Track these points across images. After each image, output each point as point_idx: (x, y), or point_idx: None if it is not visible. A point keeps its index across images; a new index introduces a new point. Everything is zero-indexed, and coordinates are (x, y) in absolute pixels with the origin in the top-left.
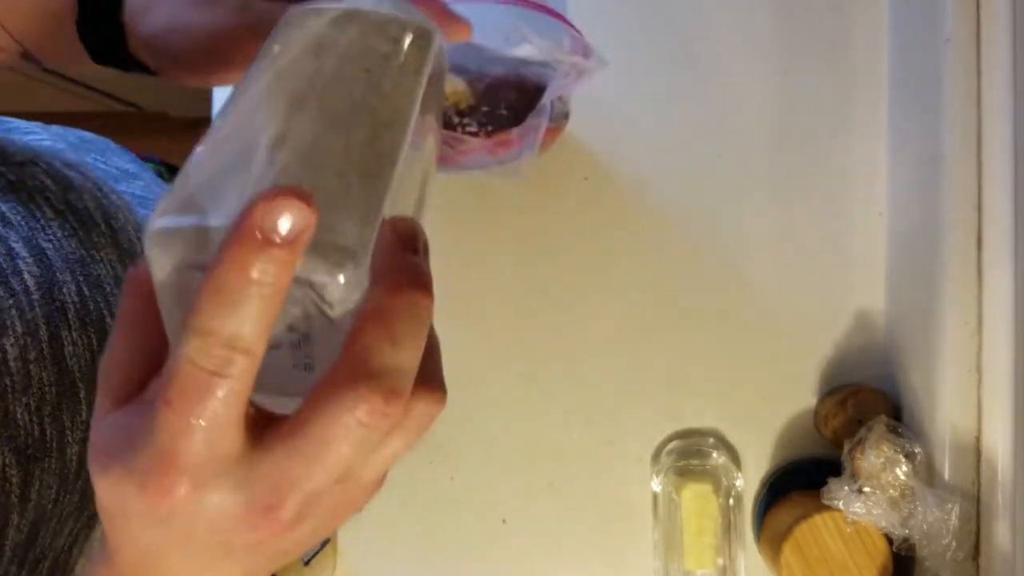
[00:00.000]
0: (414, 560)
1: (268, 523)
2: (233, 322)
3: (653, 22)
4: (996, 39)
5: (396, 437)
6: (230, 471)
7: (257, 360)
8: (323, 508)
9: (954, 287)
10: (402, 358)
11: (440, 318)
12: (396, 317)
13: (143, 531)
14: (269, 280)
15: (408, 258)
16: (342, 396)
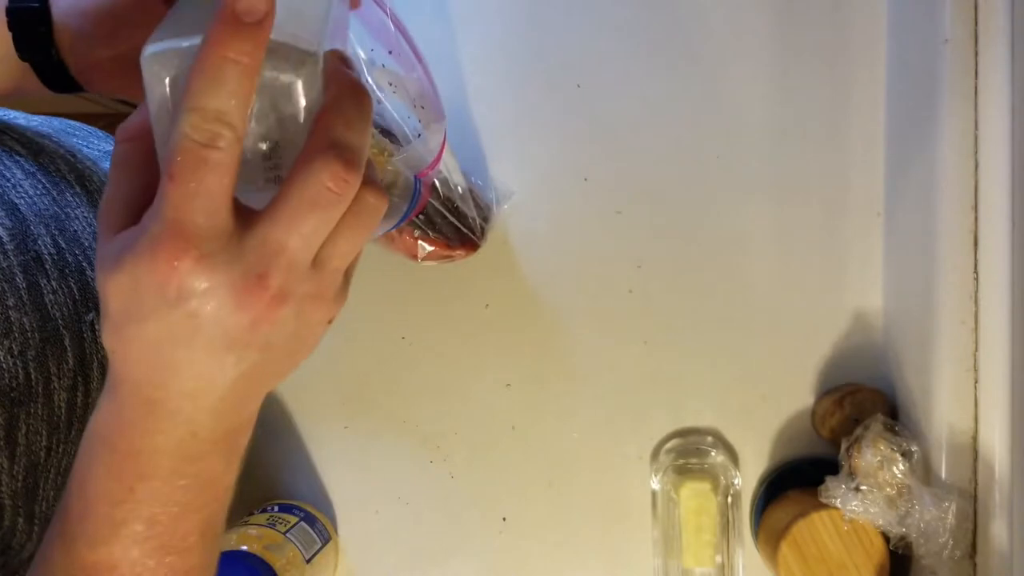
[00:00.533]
0: (414, 559)
1: (259, 293)
2: (219, 97)
3: (652, 22)
4: (994, 40)
5: (352, 225)
6: (226, 245)
7: (240, 137)
8: (301, 290)
9: (951, 287)
10: (355, 138)
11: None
12: (346, 106)
13: (154, 322)
14: (244, 59)
15: (346, 70)
16: (311, 164)
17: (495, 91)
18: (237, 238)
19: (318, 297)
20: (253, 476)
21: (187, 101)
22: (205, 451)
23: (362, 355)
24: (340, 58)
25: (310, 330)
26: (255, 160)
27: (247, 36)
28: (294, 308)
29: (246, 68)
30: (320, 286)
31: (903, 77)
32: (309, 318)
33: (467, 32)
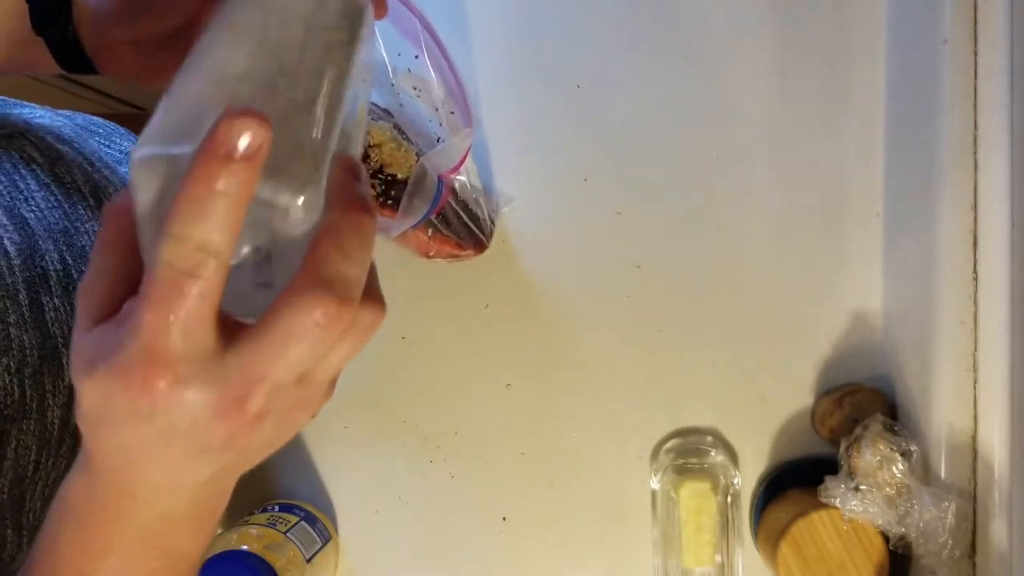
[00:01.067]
0: (414, 559)
1: (238, 415)
2: (203, 227)
3: (652, 22)
4: (993, 40)
5: (346, 342)
6: (205, 368)
7: (226, 264)
8: (283, 406)
9: (950, 286)
10: (351, 270)
11: (443, 318)
12: (346, 234)
13: (126, 431)
14: (232, 191)
15: (354, 186)
16: (301, 300)
17: (495, 92)
18: (219, 358)
19: (301, 407)
20: (253, 476)
21: (169, 226)
22: (175, 530)
23: (362, 355)
24: (348, 169)
25: (290, 429)
26: (246, 267)
27: (236, 170)
28: (274, 420)
29: (235, 200)
30: (304, 398)
31: (902, 77)
32: (289, 423)
33: (467, 33)
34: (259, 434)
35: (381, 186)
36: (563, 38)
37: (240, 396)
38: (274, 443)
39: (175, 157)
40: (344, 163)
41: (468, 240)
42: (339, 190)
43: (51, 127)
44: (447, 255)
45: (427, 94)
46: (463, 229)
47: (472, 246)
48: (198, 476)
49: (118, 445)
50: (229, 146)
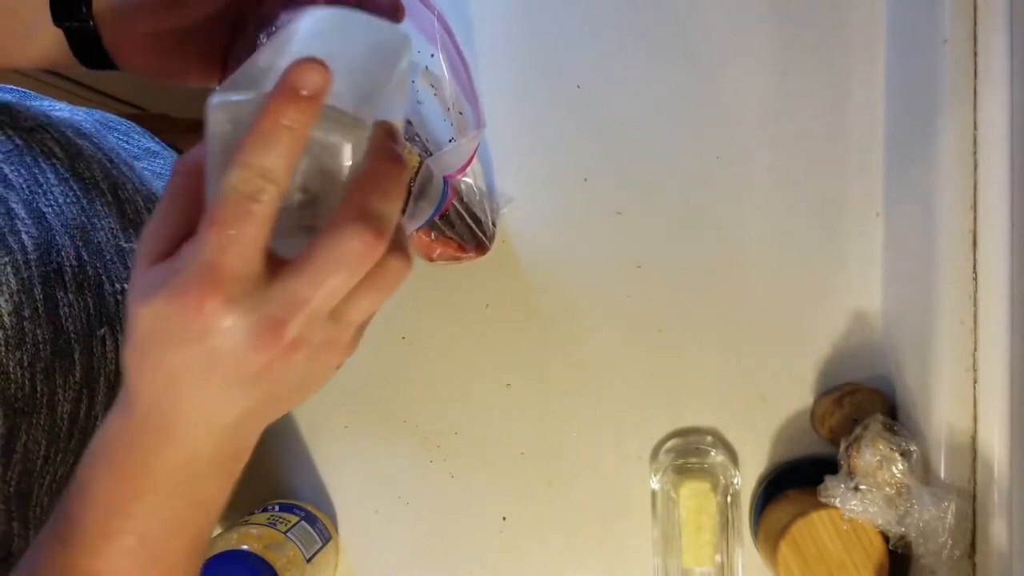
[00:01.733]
0: (414, 559)
1: (276, 339)
2: (268, 157)
3: (652, 22)
4: (993, 40)
5: (375, 287)
6: (252, 292)
7: (282, 191)
8: (316, 339)
9: (950, 286)
10: (387, 209)
11: (443, 318)
12: (384, 178)
13: (174, 354)
14: (296, 126)
15: (392, 143)
16: (343, 230)
17: (495, 92)
18: (264, 285)
19: (331, 346)
20: (254, 476)
21: (239, 157)
22: (204, 474)
23: (362, 355)
24: (388, 131)
25: (318, 374)
26: (291, 209)
27: (302, 106)
28: (307, 354)
29: (296, 134)
30: (334, 336)
31: (902, 77)
32: (319, 364)
33: (467, 32)
34: (292, 367)
35: None
36: (563, 38)
37: (279, 320)
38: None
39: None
40: (384, 126)
41: (470, 242)
42: (380, 144)
43: (71, 121)
44: (449, 257)
45: (441, 93)
46: (466, 231)
47: (474, 248)
48: (232, 410)
49: (164, 371)
50: (297, 86)
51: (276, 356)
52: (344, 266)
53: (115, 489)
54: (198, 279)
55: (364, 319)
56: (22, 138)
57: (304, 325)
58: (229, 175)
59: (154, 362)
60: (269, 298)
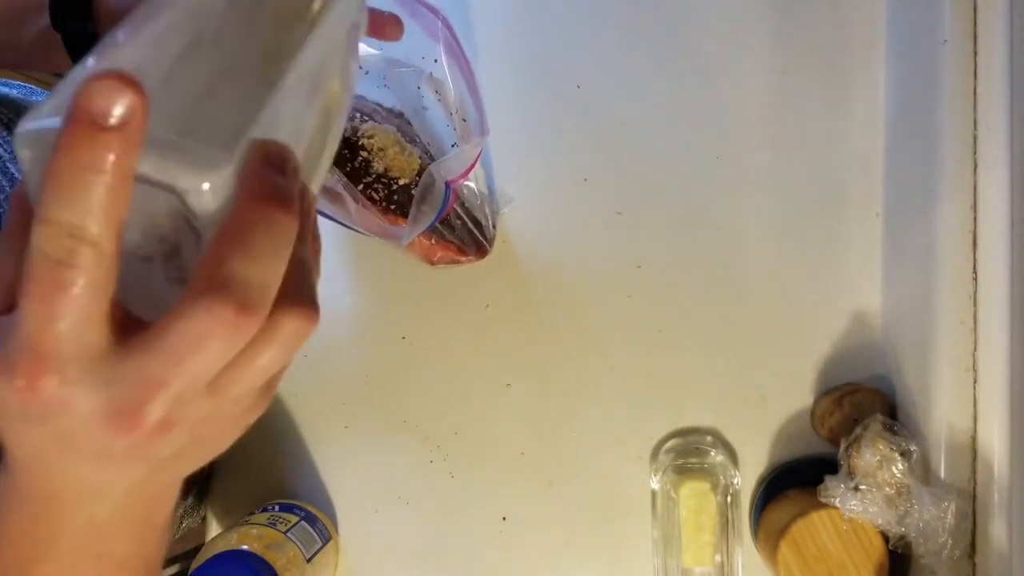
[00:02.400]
0: (414, 559)
1: (133, 424)
2: (71, 211)
3: (651, 23)
4: (993, 40)
5: (264, 351)
6: (96, 369)
7: (107, 254)
8: (196, 419)
9: (950, 286)
10: (256, 272)
11: (443, 318)
12: (251, 231)
13: (24, 433)
14: (104, 168)
15: (271, 176)
16: (196, 305)
17: (495, 92)
18: (112, 359)
19: (217, 420)
20: (254, 476)
21: (38, 210)
22: (109, 535)
23: (362, 355)
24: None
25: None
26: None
27: (108, 142)
28: (185, 430)
29: (109, 177)
30: (224, 409)
31: (902, 77)
32: (210, 434)
33: (467, 34)
34: (168, 444)
35: (384, 191)
36: (563, 38)
37: (135, 404)
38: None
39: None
40: (262, 148)
41: (471, 246)
42: (250, 179)
43: None
44: (449, 261)
45: (445, 99)
46: (466, 235)
47: (474, 251)
48: (114, 483)
49: (26, 444)
50: (94, 114)
51: (141, 439)
52: (202, 347)
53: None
54: (25, 358)
55: (256, 387)
56: None
57: (170, 406)
58: (33, 234)
59: (13, 435)
60: (118, 378)
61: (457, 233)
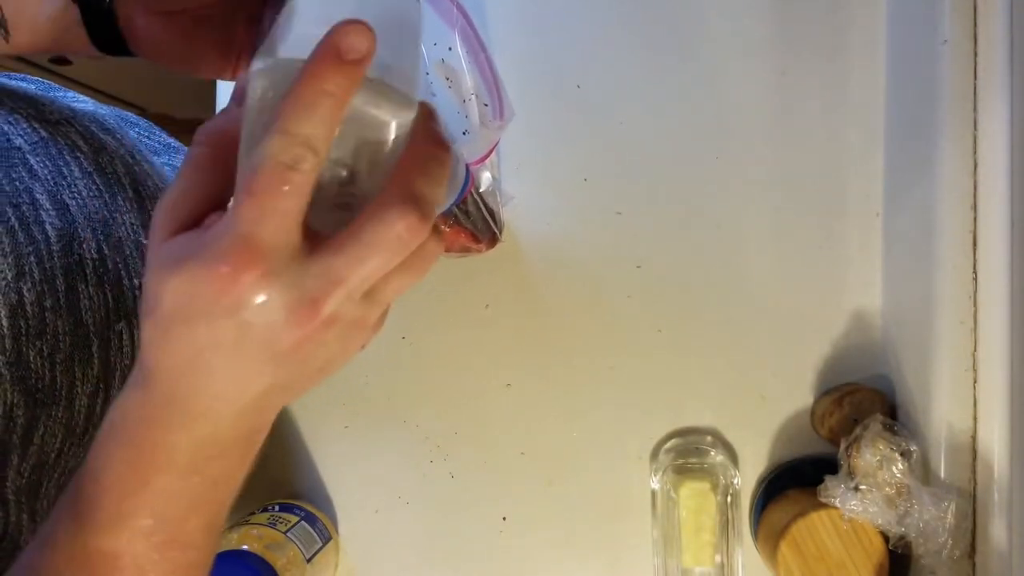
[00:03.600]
0: (414, 559)
1: (312, 315)
2: (309, 124)
3: (652, 23)
4: (993, 41)
5: (410, 268)
6: (290, 266)
7: (321, 160)
8: (350, 318)
9: (950, 286)
10: (432, 192)
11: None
12: (429, 161)
13: (204, 328)
14: (338, 92)
15: (433, 125)
16: (389, 211)
17: None
18: (301, 260)
19: (361, 325)
20: (254, 476)
21: (278, 124)
22: (222, 451)
23: (362, 355)
24: (429, 113)
25: (344, 353)
26: (330, 185)
27: (345, 72)
28: (339, 332)
29: (338, 101)
30: (366, 315)
31: (902, 77)
32: (347, 343)
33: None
34: (322, 346)
35: None
36: (563, 38)
37: (317, 297)
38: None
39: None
40: (427, 107)
41: (484, 232)
42: (426, 125)
43: (95, 115)
44: (461, 248)
45: (457, 86)
46: (481, 221)
47: (487, 239)
48: (257, 387)
49: (189, 345)
50: (340, 50)
51: (309, 333)
52: (387, 248)
53: (131, 468)
54: (234, 251)
55: (395, 298)
56: (47, 131)
57: (340, 304)
58: (267, 143)
59: (179, 336)
60: (307, 274)
61: (472, 219)
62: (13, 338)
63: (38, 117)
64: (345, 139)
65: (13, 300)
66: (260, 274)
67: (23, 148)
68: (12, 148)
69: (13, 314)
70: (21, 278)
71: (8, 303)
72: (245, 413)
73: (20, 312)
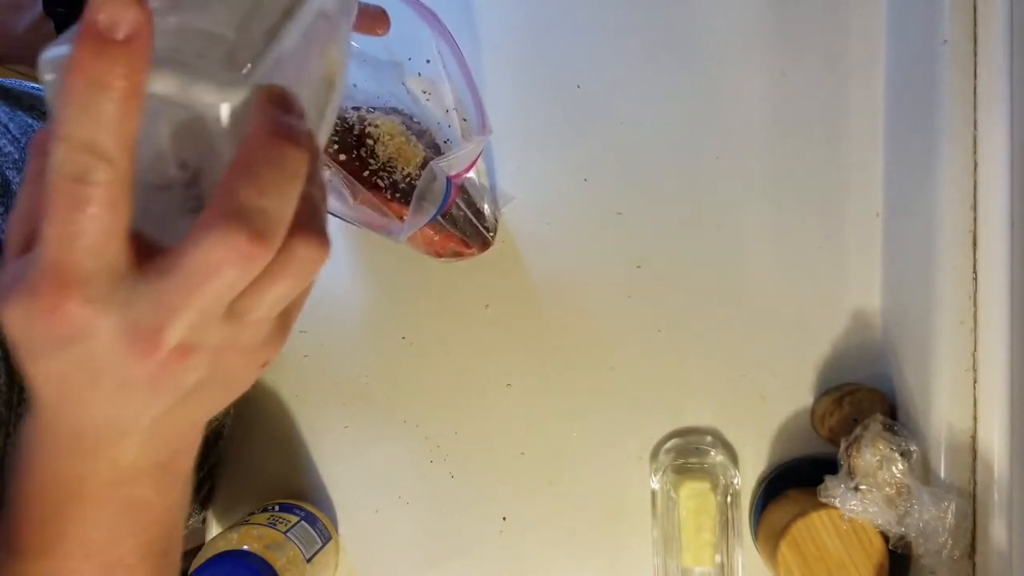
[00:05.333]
0: (414, 559)
1: (153, 347)
2: (86, 125)
3: (651, 23)
4: (993, 41)
5: (279, 279)
6: (117, 289)
7: (122, 171)
8: (215, 346)
9: (950, 286)
10: (268, 203)
11: (443, 318)
12: (262, 165)
13: (50, 361)
14: (115, 82)
15: (278, 115)
16: (209, 233)
17: (495, 92)
18: (132, 281)
19: (236, 348)
20: (254, 476)
21: (55, 128)
22: (132, 479)
23: (362, 355)
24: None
25: (236, 374)
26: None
27: (116, 56)
28: (205, 359)
29: (121, 92)
30: (238, 337)
31: (902, 78)
32: (229, 366)
33: (467, 33)
34: (189, 371)
35: (388, 179)
36: (563, 38)
37: (154, 325)
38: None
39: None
40: (270, 89)
41: (474, 238)
42: (260, 115)
43: None
44: (452, 253)
45: (437, 98)
46: (469, 227)
47: (478, 244)
48: (138, 417)
49: (51, 376)
50: (101, 29)
51: (163, 364)
52: (218, 275)
53: (42, 499)
54: (47, 279)
55: (274, 314)
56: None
57: (189, 331)
58: (52, 154)
59: (38, 370)
60: (138, 299)
61: (460, 226)
62: None
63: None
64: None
65: None
66: (79, 302)
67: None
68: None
69: None
70: None
71: None
72: (145, 443)
73: None
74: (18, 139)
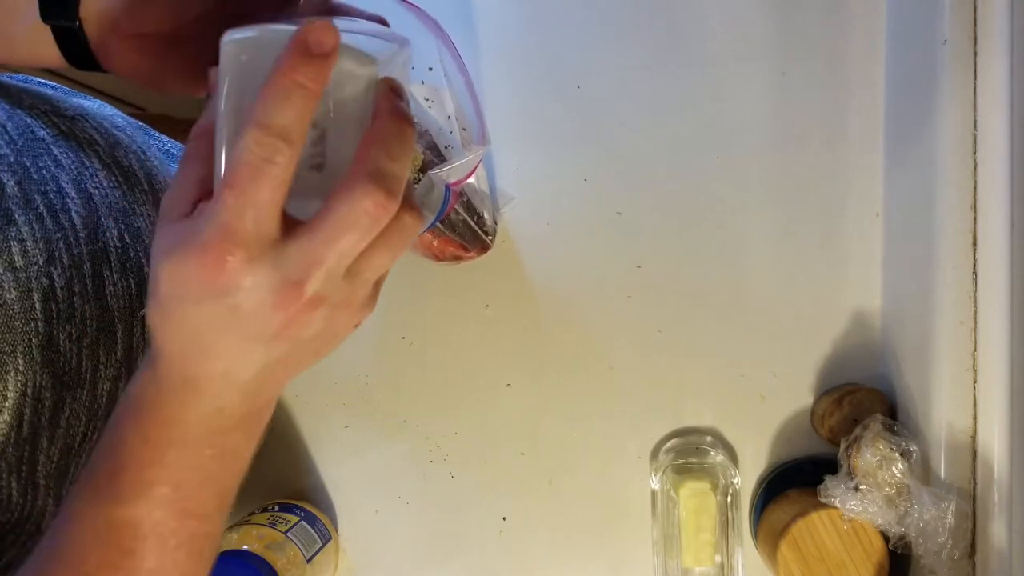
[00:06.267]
0: (414, 559)
1: (296, 297)
2: (284, 115)
3: (651, 23)
4: (993, 41)
5: (388, 243)
6: (272, 251)
7: (297, 151)
8: (335, 298)
9: (950, 287)
10: (396, 168)
11: (443, 318)
12: (391, 137)
13: (196, 310)
14: (310, 83)
15: (397, 101)
16: (354, 191)
17: (496, 92)
18: (281, 245)
19: (348, 304)
20: (254, 476)
21: (255, 115)
22: (230, 426)
23: (362, 355)
24: (394, 88)
25: (337, 331)
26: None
27: (315, 65)
28: (325, 312)
29: (310, 92)
30: (351, 295)
31: (902, 78)
32: (338, 322)
33: (467, 34)
34: (311, 325)
35: None
36: (563, 38)
37: (298, 279)
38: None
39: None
40: (390, 82)
41: (473, 243)
42: (386, 101)
43: (107, 114)
44: (451, 257)
45: (439, 105)
46: (468, 232)
47: (477, 248)
48: (254, 366)
49: (187, 326)
50: (312, 43)
51: (296, 314)
52: (357, 226)
53: (147, 441)
54: (218, 238)
55: (378, 275)
56: (65, 125)
57: (322, 284)
58: (245, 136)
59: (177, 318)
60: (287, 257)
61: (459, 231)
62: (45, 321)
63: (55, 112)
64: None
65: (45, 285)
66: (243, 259)
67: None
68: (36, 139)
69: (45, 298)
70: (52, 263)
71: (40, 287)
72: (246, 392)
73: (51, 296)
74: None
